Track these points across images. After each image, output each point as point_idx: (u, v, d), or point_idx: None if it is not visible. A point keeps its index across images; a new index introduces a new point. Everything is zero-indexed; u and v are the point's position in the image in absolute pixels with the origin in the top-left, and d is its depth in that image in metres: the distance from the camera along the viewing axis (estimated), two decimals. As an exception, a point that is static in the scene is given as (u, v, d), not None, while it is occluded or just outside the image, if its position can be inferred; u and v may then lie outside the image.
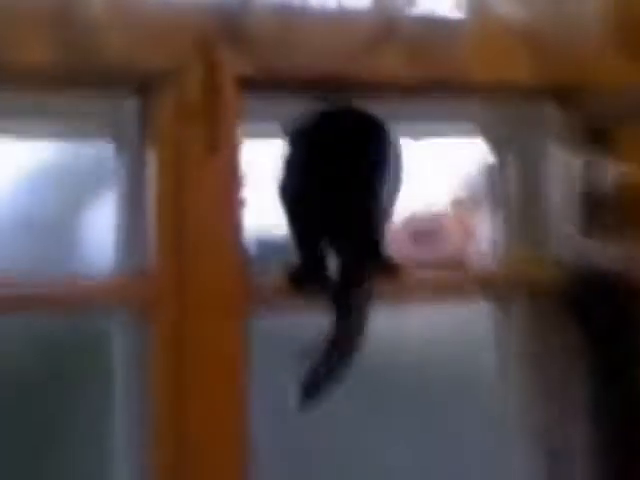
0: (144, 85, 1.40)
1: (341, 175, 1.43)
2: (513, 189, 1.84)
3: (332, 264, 1.45)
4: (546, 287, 1.67)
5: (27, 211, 1.45)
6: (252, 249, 1.51)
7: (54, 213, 1.48)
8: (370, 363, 1.48)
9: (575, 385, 1.70)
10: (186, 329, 1.38)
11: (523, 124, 1.76)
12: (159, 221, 1.39)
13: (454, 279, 1.63)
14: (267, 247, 1.56)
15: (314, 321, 1.43)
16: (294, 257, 1.45)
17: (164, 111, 1.39)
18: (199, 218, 1.40)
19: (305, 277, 1.44)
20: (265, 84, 1.45)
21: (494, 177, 1.86)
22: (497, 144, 1.84)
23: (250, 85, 1.42)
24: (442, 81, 1.55)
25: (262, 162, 1.51)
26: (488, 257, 1.77)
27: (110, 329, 1.46)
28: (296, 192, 1.45)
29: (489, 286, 1.68)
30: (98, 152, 1.47)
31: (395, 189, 1.50)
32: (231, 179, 1.42)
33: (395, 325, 1.60)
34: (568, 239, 1.69)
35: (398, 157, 1.51)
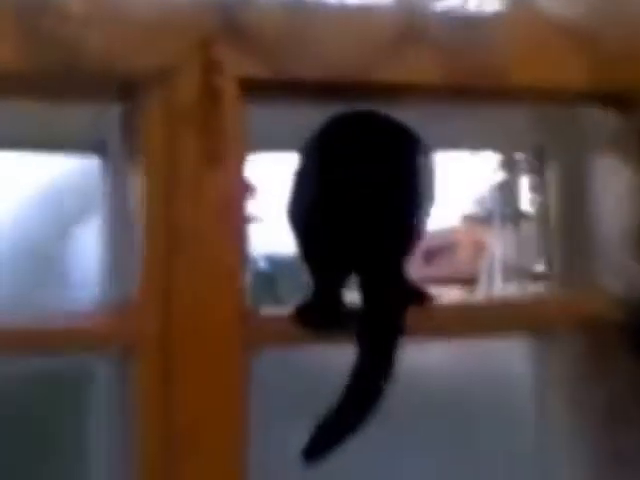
0: (130, 88, 1.20)
1: (365, 191, 1.22)
2: (555, 208, 1.64)
3: (350, 296, 1.25)
4: (597, 318, 1.45)
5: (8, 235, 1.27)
6: (262, 268, 1.30)
7: (35, 239, 1.30)
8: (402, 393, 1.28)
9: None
10: (176, 370, 1.18)
11: (569, 134, 1.56)
12: (148, 246, 1.19)
13: (491, 312, 1.41)
14: (279, 265, 1.36)
15: (330, 359, 1.23)
16: (307, 287, 1.25)
17: (154, 118, 1.20)
18: (195, 243, 1.20)
19: (320, 312, 1.24)
20: (272, 87, 1.25)
21: (507, 193, 1.68)
22: (537, 156, 1.65)
23: (255, 88, 1.23)
24: (477, 85, 1.34)
25: (273, 177, 1.32)
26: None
27: (93, 368, 1.27)
28: (310, 212, 1.25)
29: (529, 318, 1.47)
30: (81, 167, 1.28)
31: (427, 208, 1.30)
32: (233, 197, 1.22)
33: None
34: (621, 266, 1.49)
35: (431, 170, 1.31)
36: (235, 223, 1.22)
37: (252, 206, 1.31)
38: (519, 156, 2.14)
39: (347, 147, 1.25)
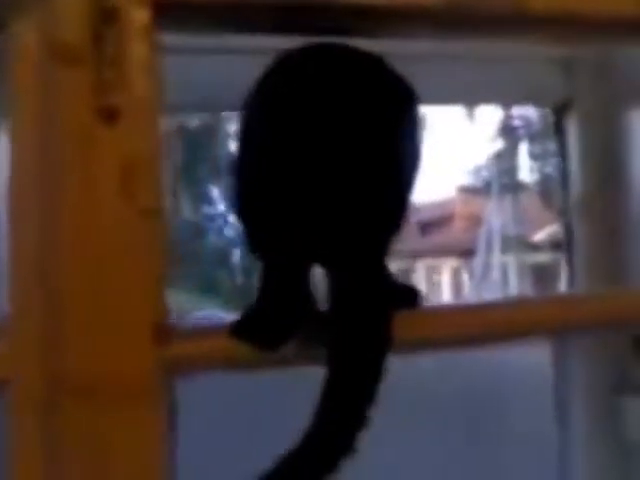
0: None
1: (332, 156, 0.87)
2: (578, 173, 1.32)
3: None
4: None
5: None
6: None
7: None
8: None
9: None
10: (62, 414, 0.83)
11: (600, 85, 1.22)
12: (17, 239, 0.83)
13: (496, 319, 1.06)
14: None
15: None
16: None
17: (26, 57, 0.83)
18: (85, 233, 0.84)
19: (271, 321, 0.89)
20: (197, 11, 0.89)
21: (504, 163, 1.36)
22: (558, 112, 1.31)
23: (171, 13, 0.87)
24: (485, 11, 0.98)
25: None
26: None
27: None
28: (259, 185, 0.89)
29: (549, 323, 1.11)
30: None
31: (413, 178, 0.94)
32: (142, 166, 0.86)
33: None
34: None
35: (419, 129, 0.95)
36: (146, 201, 0.86)
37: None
38: (518, 121, 1.80)
39: (306, 96, 0.89)
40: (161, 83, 0.88)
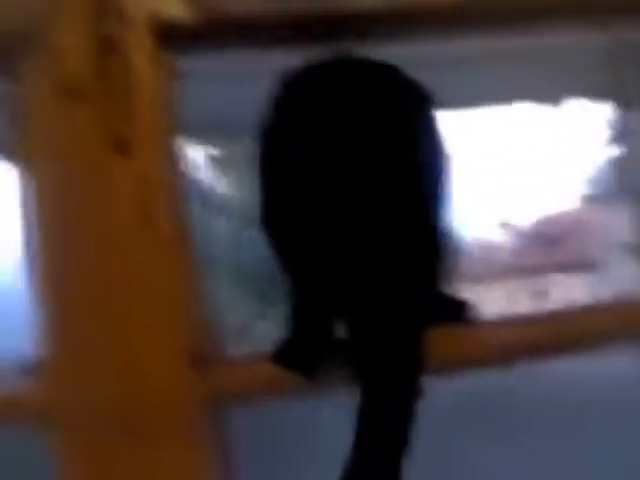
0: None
1: (360, 167, 0.84)
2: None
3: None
4: None
5: None
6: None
7: None
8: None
9: None
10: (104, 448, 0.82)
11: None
12: (44, 279, 0.83)
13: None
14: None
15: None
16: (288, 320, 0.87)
17: (36, 95, 0.83)
18: (111, 263, 0.83)
19: (309, 346, 0.86)
20: (203, 32, 0.88)
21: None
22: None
23: (177, 36, 0.86)
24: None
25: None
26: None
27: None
28: (288, 208, 0.86)
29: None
30: None
31: (444, 187, 0.90)
32: (157, 196, 0.85)
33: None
34: None
35: (441, 137, 0.91)
36: (166, 227, 0.85)
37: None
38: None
39: (327, 109, 0.86)
40: (176, 109, 0.87)
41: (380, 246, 0.83)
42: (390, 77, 0.88)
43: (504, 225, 2.30)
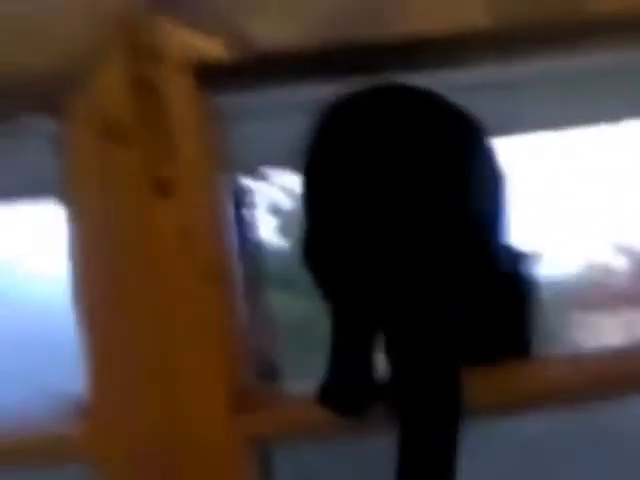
0: (40, 103, 0.86)
1: (405, 200, 0.82)
2: None
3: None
4: None
5: None
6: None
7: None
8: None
9: None
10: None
11: None
12: (89, 324, 0.84)
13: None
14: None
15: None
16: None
17: (77, 138, 0.85)
18: (152, 304, 0.83)
19: (352, 387, 0.83)
20: (246, 70, 0.87)
21: None
22: None
23: (216, 75, 0.85)
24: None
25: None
26: None
27: None
28: (332, 249, 0.84)
29: None
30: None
31: (498, 222, 0.87)
32: (201, 238, 0.84)
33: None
34: None
35: (491, 163, 0.88)
36: (208, 268, 0.84)
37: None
38: None
39: (370, 139, 0.84)
40: (216, 147, 0.86)
41: (426, 282, 0.80)
42: (432, 104, 0.86)
43: (622, 249, 2.20)
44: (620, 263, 2.12)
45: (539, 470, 1.20)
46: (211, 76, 0.85)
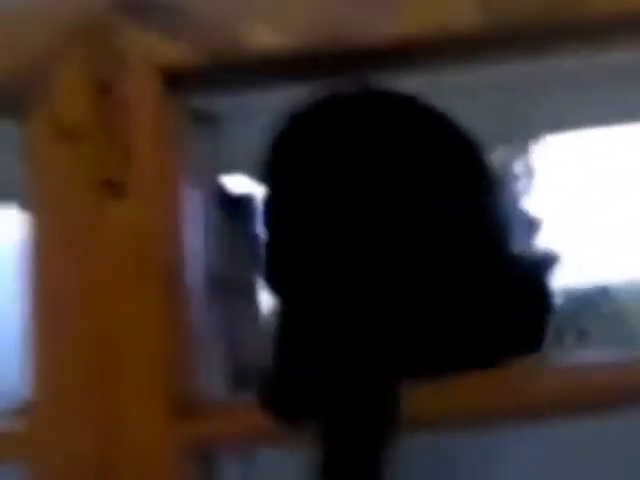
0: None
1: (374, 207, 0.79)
2: None
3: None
4: None
5: None
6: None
7: None
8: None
9: None
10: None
11: None
12: (33, 322, 0.84)
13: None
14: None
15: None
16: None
17: (34, 140, 0.85)
18: (98, 306, 0.83)
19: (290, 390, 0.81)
20: (211, 74, 0.86)
21: None
22: None
23: (181, 81, 0.84)
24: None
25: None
26: None
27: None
28: (299, 264, 0.81)
29: None
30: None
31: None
32: (153, 241, 0.84)
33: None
34: None
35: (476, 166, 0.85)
36: (160, 272, 0.83)
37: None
38: None
39: (341, 152, 0.81)
40: (182, 150, 0.85)
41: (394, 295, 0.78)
42: (410, 107, 0.83)
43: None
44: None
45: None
46: (179, 80, 0.84)
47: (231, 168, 1.31)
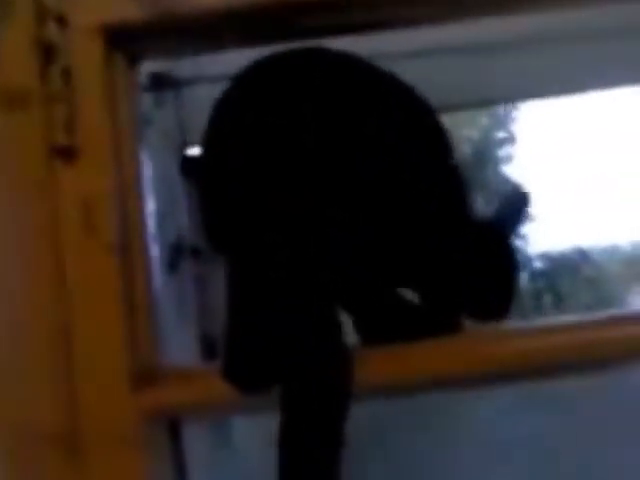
0: None
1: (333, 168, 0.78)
2: None
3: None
4: None
5: None
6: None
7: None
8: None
9: None
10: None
11: None
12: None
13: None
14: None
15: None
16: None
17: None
18: (51, 271, 0.81)
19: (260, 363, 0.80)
20: (154, 32, 0.84)
21: None
22: None
23: (128, 38, 0.82)
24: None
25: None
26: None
27: None
28: (240, 219, 0.79)
29: None
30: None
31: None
32: (106, 204, 0.82)
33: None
34: None
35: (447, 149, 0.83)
36: (111, 238, 0.82)
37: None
38: None
39: (283, 108, 0.80)
40: (131, 115, 0.83)
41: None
42: (350, 65, 0.81)
43: None
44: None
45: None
46: (123, 39, 0.82)
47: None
